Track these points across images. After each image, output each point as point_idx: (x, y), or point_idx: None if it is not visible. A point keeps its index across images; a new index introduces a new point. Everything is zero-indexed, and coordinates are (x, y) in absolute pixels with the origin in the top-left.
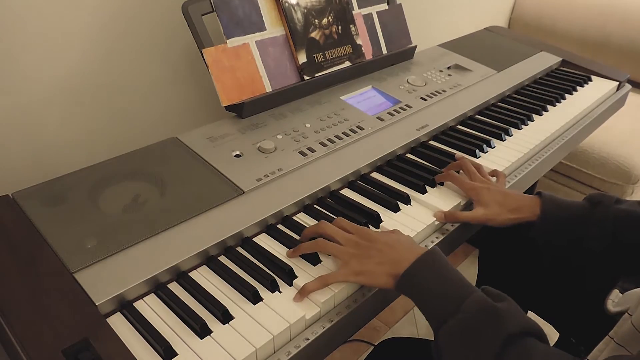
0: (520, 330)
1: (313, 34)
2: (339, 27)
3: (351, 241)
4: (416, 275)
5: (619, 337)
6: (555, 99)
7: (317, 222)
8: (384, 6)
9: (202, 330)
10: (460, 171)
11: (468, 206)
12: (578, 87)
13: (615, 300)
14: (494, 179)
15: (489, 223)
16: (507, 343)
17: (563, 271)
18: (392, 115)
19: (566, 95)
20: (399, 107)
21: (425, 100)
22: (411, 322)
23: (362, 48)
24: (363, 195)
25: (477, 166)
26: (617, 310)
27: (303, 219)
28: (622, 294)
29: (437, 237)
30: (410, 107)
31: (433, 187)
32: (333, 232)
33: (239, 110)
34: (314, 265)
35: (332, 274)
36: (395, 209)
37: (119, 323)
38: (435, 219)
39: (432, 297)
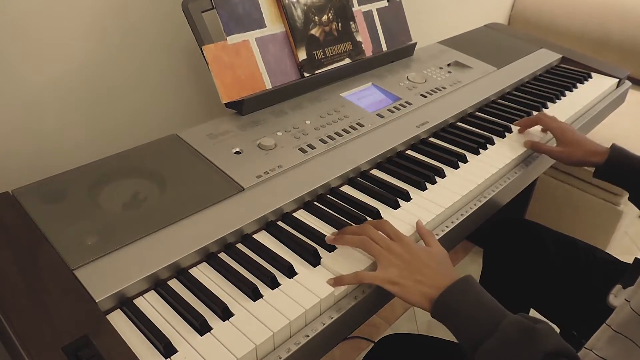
0: (557, 350)
1: (313, 31)
2: (339, 24)
3: (393, 250)
4: (452, 300)
5: (617, 324)
6: (555, 96)
7: (318, 219)
8: (383, 3)
9: (202, 327)
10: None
11: (465, 206)
12: (578, 84)
13: (617, 295)
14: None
15: (563, 160)
16: None
17: (566, 269)
18: (392, 112)
19: (566, 92)
20: (399, 104)
21: (425, 97)
22: (411, 319)
23: (362, 45)
24: (363, 192)
25: (553, 117)
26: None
27: (303, 216)
28: (624, 289)
29: (436, 234)
30: (410, 104)
31: (433, 184)
32: (376, 236)
33: (239, 107)
34: (314, 267)
35: (370, 274)
36: (395, 206)
37: (119, 320)
38: (434, 215)
39: (468, 320)
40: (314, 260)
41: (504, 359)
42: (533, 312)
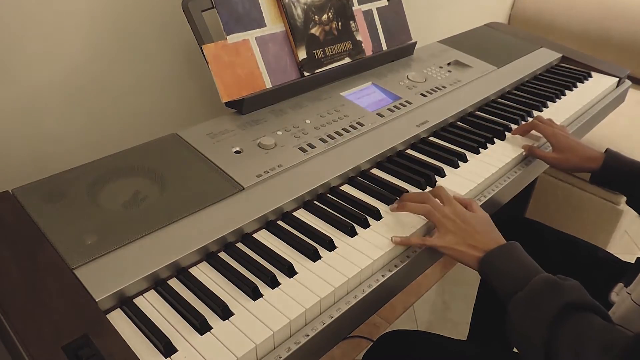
0: (581, 303)
1: (313, 30)
2: (339, 24)
3: (449, 217)
4: (495, 260)
5: (617, 316)
6: (556, 95)
7: (318, 218)
8: (384, 2)
9: (202, 327)
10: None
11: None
12: (578, 83)
13: (618, 293)
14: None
15: (558, 166)
16: (565, 311)
17: (568, 268)
18: (392, 111)
19: (566, 91)
20: (399, 103)
21: (425, 96)
22: (411, 318)
23: (362, 44)
24: (363, 192)
25: (550, 120)
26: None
27: (303, 215)
28: (626, 287)
29: None
30: (410, 103)
31: (433, 183)
32: (435, 205)
33: (238, 107)
34: (314, 262)
35: (431, 239)
36: None
37: (119, 319)
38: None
39: (507, 276)
40: (314, 259)
41: (530, 307)
42: None
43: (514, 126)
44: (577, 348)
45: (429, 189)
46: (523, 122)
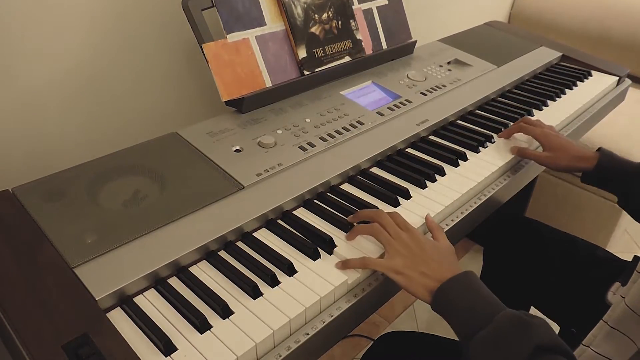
0: (551, 344)
1: (313, 29)
2: (339, 22)
3: (402, 240)
4: (451, 292)
5: (613, 320)
6: (556, 94)
7: (318, 217)
8: (384, 1)
9: (202, 325)
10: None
11: (464, 204)
12: (578, 82)
13: (615, 293)
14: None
15: (550, 165)
16: (535, 354)
17: (566, 267)
18: (392, 110)
19: (566, 90)
20: (399, 102)
21: (425, 95)
22: (411, 317)
23: (362, 43)
24: (363, 190)
25: (538, 121)
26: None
27: (303, 214)
28: (623, 287)
29: None
30: (410, 102)
31: (433, 182)
32: (388, 223)
33: (239, 105)
34: (314, 261)
35: (375, 260)
36: (395, 204)
37: (119, 318)
38: (434, 213)
39: (465, 312)
40: (314, 258)
41: (496, 349)
42: (533, 310)
43: (513, 125)
44: None
45: (429, 187)
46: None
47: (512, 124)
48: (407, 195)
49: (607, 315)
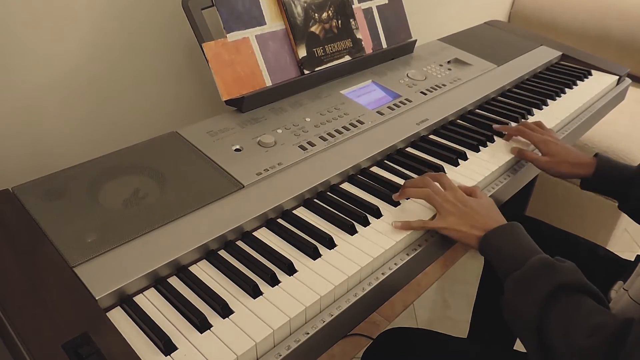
0: (575, 284)
1: (313, 28)
2: (339, 21)
3: (449, 201)
4: (495, 239)
5: (614, 313)
6: (556, 93)
7: (318, 216)
8: (384, 0)
9: (202, 325)
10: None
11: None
12: (578, 82)
13: (618, 291)
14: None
15: (548, 171)
16: (558, 291)
17: None
18: (392, 109)
19: (566, 89)
20: (399, 101)
21: (425, 94)
22: (411, 316)
23: (362, 42)
24: (363, 190)
25: (539, 123)
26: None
27: (303, 213)
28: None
29: (437, 232)
30: (410, 101)
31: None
32: (437, 190)
33: (239, 105)
34: (314, 260)
35: (433, 222)
36: (395, 203)
37: (119, 317)
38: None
39: (505, 256)
40: (313, 257)
41: (524, 286)
42: None
43: (514, 124)
44: (567, 327)
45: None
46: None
47: (512, 123)
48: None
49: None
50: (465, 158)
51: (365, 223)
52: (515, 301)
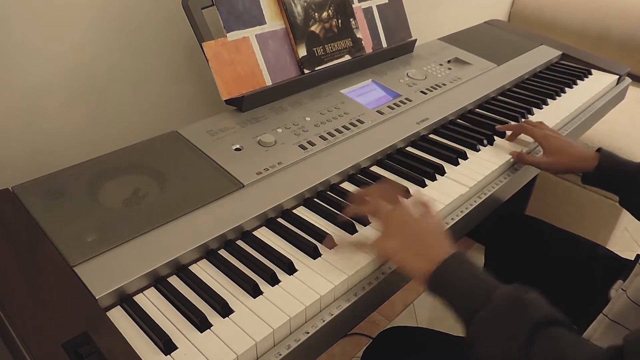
0: (548, 318)
1: (313, 28)
2: (339, 21)
3: (396, 221)
4: (447, 274)
5: (613, 313)
6: (556, 93)
7: (318, 215)
8: (384, 0)
9: (202, 324)
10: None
11: (467, 200)
12: (578, 81)
13: (617, 290)
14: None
15: (550, 169)
16: (535, 330)
17: (567, 264)
18: (392, 108)
19: (566, 88)
20: (399, 101)
21: (425, 93)
22: (411, 316)
23: (362, 41)
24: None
25: (539, 122)
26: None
27: (303, 212)
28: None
29: None
30: (410, 100)
31: (433, 181)
32: (383, 206)
33: (239, 104)
34: (314, 259)
35: (370, 243)
36: None
37: (119, 317)
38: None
39: (463, 292)
40: (314, 257)
41: (496, 328)
42: None
43: (514, 123)
44: None
45: (429, 185)
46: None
47: (512, 123)
48: (407, 194)
49: (607, 309)
50: (465, 157)
51: (366, 222)
52: (488, 345)
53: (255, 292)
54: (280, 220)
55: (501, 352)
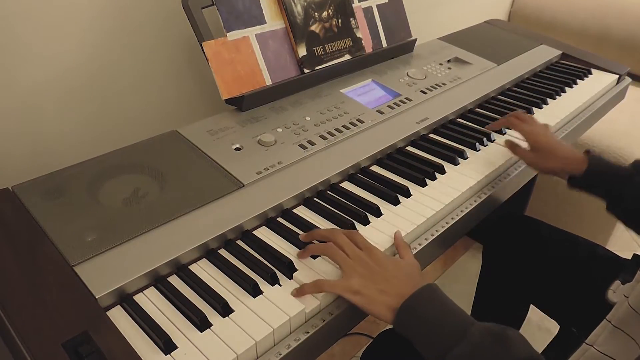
0: (528, 357)
1: (313, 27)
2: (339, 20)
3: (360, 258)
4: (417, 308)
5: (616, 320)
6: (556, 92)
7: (318, 215)
8: None
9: (202, 324)
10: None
11: (468, 198)
12: (578, 81)
13: (616, 291)
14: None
15: (535, 166)
16: None
17: (566, 265)
18: (392, 108)
19: (566, 88)
20: (399, 100)
21: (425, 93)
22: None
23: (362, 41)
24: (363, 189)
25: (529, 117)
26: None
27: (303, 212)
28: (623, 285)
29: (436, 230)
30: (410, 100)
31: (433, 181)
32: (344, 242)
33: (239, 104)
34: (314, 259)
35: (331, 282)
36: (395, 202)
37: (119, 316)
38: (434, 211)
39: (434, 327)
40: (314, 256)
41: None
42: (533, 309)
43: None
44: None
45: (429, 185)
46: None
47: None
48: (407, 194)
49: (611, 315)
50: (465, 157)
51: (365, 222)
52: None
53: (255, 291)
54: (280, 219)
55: None
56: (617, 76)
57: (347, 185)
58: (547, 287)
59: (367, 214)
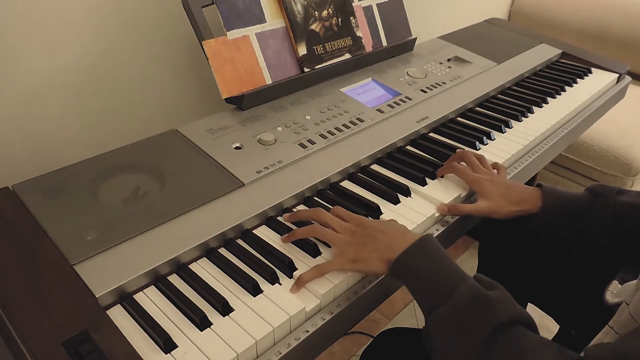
0: (510, 318)
1: (313, 26)
2: (339, 19)
3: (347, 229)
4: (410, 261)
5: (618, 326)
6: (555, 91)
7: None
8: None
9: (202, 323)
10: (462, 163)
11: (468, 198)
12: (578, 79)
13: (614, 292)
14: (495, 171)
15: (491, 215)
16: (496, 331)
17: (563, 263)
18: (392, 107)
19: (566, 87)
20: (399, 99)
21: (425, 92)
22: (411, 314)
23: (362, 40)
24: (363, 188)
25: (480, 157)
26: (616, 302)
27: None
28: (621, 285)
29: (436, 229)
30: (410, 99)
31: (433, 179)
32: (329, 219)
33: (239, 103)
34: (314, 257)
35: (328, 262)
36: (395, 201)
37: (118, 315)
38: (435, 211)
39: (425, 283)
40: (314, 255)
41: (455, 326)
42: (530, 307)
43: (514, 122)
44: None
45: (429, 184)
46: (474, 148)
47: (511, 121)
48: (407, 193)
49: (613, 321)
50: None
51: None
52: (446, 342)
53: (255, 290)
54: (280, 219)
55: (458, 354)
56: (617, 75)
57: (347, 184)
58: (544, 285)
59: (367, 213)
